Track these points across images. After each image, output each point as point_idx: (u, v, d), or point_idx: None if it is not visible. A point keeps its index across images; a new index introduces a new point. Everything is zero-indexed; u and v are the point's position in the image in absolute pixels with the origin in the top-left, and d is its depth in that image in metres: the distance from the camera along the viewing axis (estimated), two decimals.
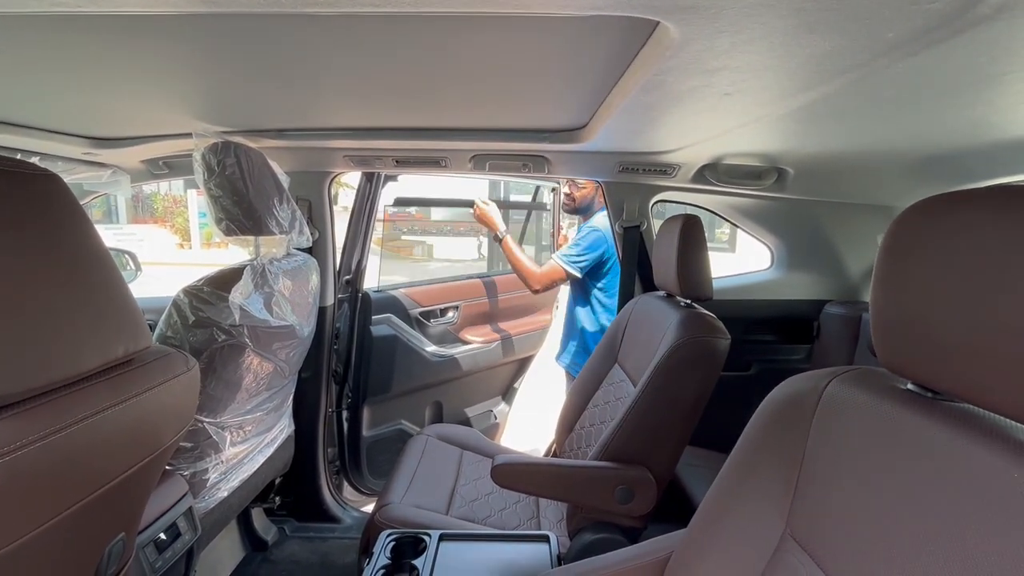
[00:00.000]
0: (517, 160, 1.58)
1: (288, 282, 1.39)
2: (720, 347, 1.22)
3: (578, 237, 2.01)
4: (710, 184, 1.68)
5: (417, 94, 1.07)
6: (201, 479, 1.23)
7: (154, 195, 14.01)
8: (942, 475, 0.48)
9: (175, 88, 1.05)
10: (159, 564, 1.03)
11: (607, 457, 1.23)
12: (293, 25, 0.72)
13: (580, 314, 2.10)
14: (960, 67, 0.72)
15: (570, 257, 1.97)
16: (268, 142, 1.47)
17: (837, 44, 0.65)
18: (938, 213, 0.51)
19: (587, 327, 2.08)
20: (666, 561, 0.80)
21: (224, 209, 1.25)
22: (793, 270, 1.96)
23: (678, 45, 0.66)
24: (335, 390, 1.99)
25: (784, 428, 0.67)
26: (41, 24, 0.73)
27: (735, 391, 1.60)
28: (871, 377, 0.62)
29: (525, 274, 1.99)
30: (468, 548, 1.09)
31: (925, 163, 1.37)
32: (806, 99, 0.89)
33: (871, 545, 0.52)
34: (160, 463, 0.79)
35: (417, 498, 1.42)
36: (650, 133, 1.28)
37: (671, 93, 0.90)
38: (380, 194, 2.03)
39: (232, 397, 1.27)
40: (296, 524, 1.91)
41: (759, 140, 1.31)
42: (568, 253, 1.98)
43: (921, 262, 0.51)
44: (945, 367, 0.49)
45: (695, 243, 1.31)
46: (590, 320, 2.07)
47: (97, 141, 1.45)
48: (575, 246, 1.98)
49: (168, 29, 0.74)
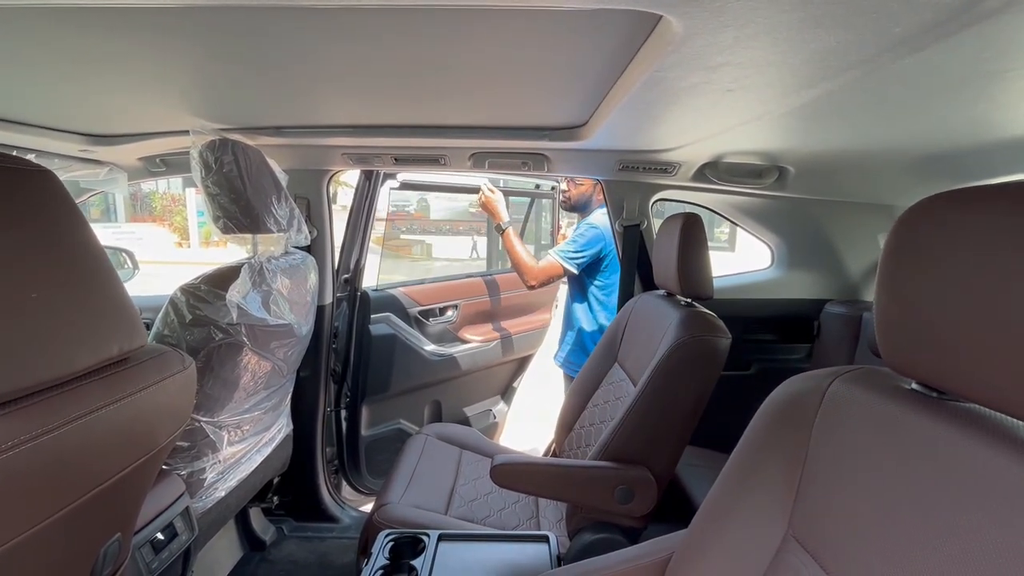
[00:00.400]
0: (517, 158, 1.57)
1: (286, 280, 1.38)
2: (721, 346, 1.21)
3: (575, 234, 2.01)
4: (710, 182, 1.68)
5: (416, 91, 1.06)
6: (198, 479, 1.22)
7: (152, 193, 13.99)
8: (947, 475, 0.48)
9: (172, 84, 1.04)
10: (155, 565, 1.02)
11: (607, 457, 1.23)
12: (291, 20, 0.71)
13: (577, 312, 2.10)
14: (965, 63, 0.71)
15: (567, 253, 1.96)
16: (266, 139, 1.46)
17: (843, 39, 0.64)
18: (943, 211, 0.50)
19: (584, 325, 2.07)
20: (667, 562, 0.79)
21: (222, 207, 1.24)
22: (793, 269, 1.96)
23: (681, 40, 0.65)
24: (333, 389, 1.98)
25: (786, 428, 0.67)
26: (37, 19, 0.72)
27: (735, 390, 1.59)
28: (875, 377, 0.62)
29: (522, 268, 1.98)
30: (467, 548, 1.09)
31: (926, 161, 1.37)
32: (809, 96, 0.88)
33: (874, 546, 0.52)
34: (156, 463, 0.79)
35: (416, 498, 1.41)
36: (651, 131, 1.28)
37: (672, 90, 0.89)
38: (379, 193, 2.02)
39: (230, 396, 1.26)
40: (294, 524, 1.91)
41: (761, 138, 1.31)
42: (565, 249, 1.97)
43: (926, 260, 0.51)
44: (951, 366, 0.48)
45: (696, 242, 1.31)
46: (587, 318, 2.06)
47: (94, 138, 1.44)
48: (572, 242, 1.97)
49: (165, 24, 0.73)
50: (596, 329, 2.03)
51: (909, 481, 0.51)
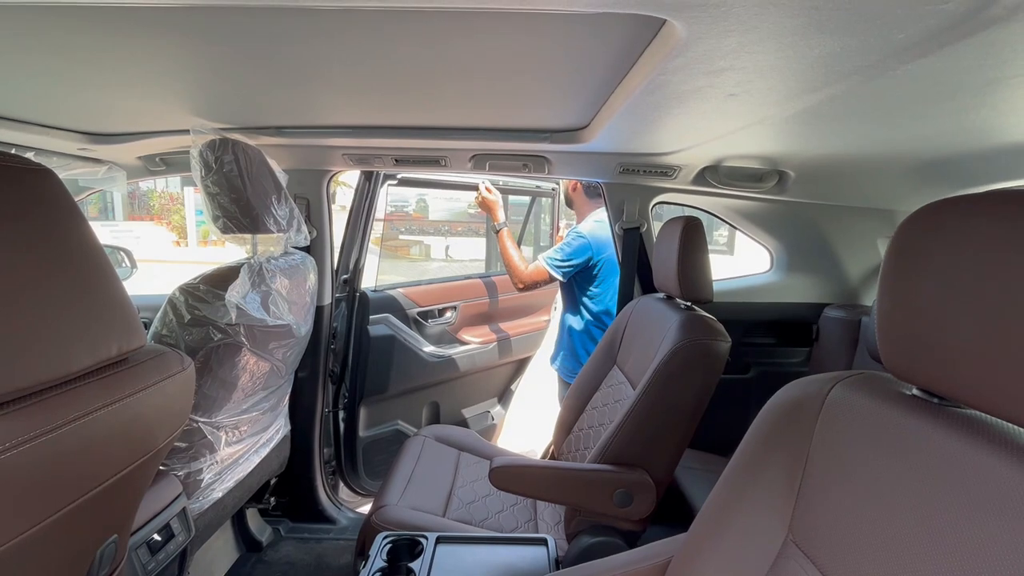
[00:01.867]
0: (517, 160, 1.57)
1: (285, 281, 1.38)
2: (720, 350, 1.21)
3: (564, 241, 2.01)
4: (711, 186, 1.68)
5: (417, 92, 1.06)
6: (195, 479, 1.22)
7: (151, 192, 13.95)
8: (948, 483, 0.48)
9: (172, 83, 1.03)
10: (152, 566, 1.02)
11: (606, 460, 1.22)
12: (292, 20, 0.71)
13: (569, 319, 2.09)
14: (967, 70, 0.71)
15: (554, 260, 1.96)
16: (266, 139, 1.45)
17: (847, 45, 0.64)
18: (946, 217, 0.50)
19: (576, 333, 2.06)
20: (666, 565, 0.79)
21: (221, 207, 1.24)
22: (793, 273, 1.96)
23: (684, 44, 0.65)
24: (332, 390, 1.97)
25: (787, 432, 0.66)
26: (36, 17, 0.72)
27: (734, 394, 1.60)
28: (876, 382, 0.62)
29: (512, 269, 1.98)
30: (465, 551, 1.08)
31: (927, 167, 1.37)
32: (811, 101, 0.88)
33: (875, 552, 0.52)
34: (154, 464, 0.78)
35: (414, 500, 1.41)
36: (652, 134, 1.28)
37: (675, 94, 0.89)
38: (379, 193, 2.02)
39: (228, 397, 1.25)
40: (291, 525, 1.90)
41: (762, 142, 1.31)
42: (553, 256, 1.97)
43: (929, 266, 0.51)
44: (953, 372, 0.48)
45: (696, 245, 1.31)
46: (579, 326, 2.05)
47: (93, 137, 1.44)
48: (559, 250, 1.98)
49: (165, 23, 0.73)
50: (588, 338, 2.02)
51: (910, 487, 0.50)
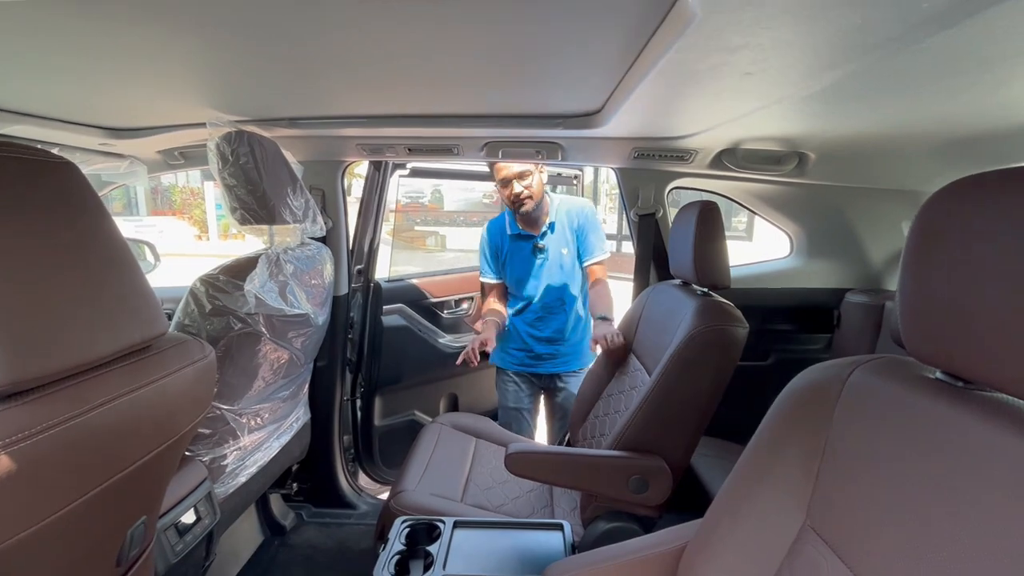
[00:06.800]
0: (530, 147, 1.56)
1: (302, 271, 1.40)
2: (738, 336, 1.19)
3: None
4: (728, 170, 1.64)
5: (429, 80, 1.06)
6: (220, 464, 1.25)
7: (172, 187, 14.22)
8: (972, 467, 0.46)
9: (189, 77, 1.05)
10: (180, 547, 1.05)
11: (622, 446, 1.22)
12: (306, 11, 0.71)
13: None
14: (998, 41, 0.68)
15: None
16: (281, 131, 1.47)
17: (868, 16, 0.62)
18: (970, 195, 0.49)
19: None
20: (681, 551, 0.79)
21: (238, 198, 1.26)
22: (813, 258, 1.92)
23: (699, 20, 0.64)
24: (350, 379, 2.00)
25: (805, 417, 0.66)
26: (56, 14, 0.73)
27: (752, 381, 1.57)
28: (897, 366, 0.60)
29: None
30: (482, 535, 1.10)
31: (956, 146, 1.32)
32: (832, 78, 0.85)
33: (895, 537, 0.51)
34: (179, 449, 0.80)
35: (431, 485, 1.43)
36: (666, 117, 1.25)
37: (690, 73, 0.87)
38: (388, 182, 2.03)
39: (249, 385, 1.28)
40: (313, 510, 1.95)
41: (780, 123, 1.28)
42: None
43: (952, 246, 0.49)
44: (977, 355, 0.47)
45: (713, 230, 1.29)
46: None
47: (113, 132, 1.47)
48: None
49: (182, 17, 0.74)
50: (509, 328, 2.00)
51: (933, 472, 0.49)
